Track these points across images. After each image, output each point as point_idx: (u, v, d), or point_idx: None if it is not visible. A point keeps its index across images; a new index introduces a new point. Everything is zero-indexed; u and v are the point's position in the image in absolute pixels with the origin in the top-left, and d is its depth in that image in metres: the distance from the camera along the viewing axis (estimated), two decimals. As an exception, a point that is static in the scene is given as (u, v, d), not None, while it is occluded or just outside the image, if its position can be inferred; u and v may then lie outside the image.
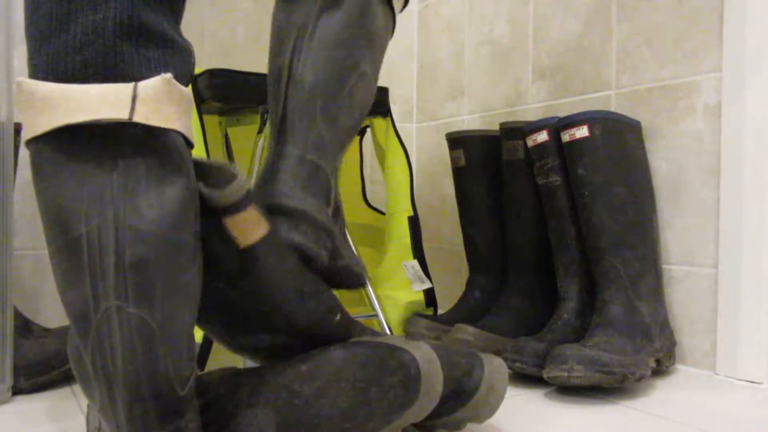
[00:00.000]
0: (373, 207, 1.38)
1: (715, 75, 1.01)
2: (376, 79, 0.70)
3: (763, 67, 0.95)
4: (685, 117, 1.05)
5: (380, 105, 1.19)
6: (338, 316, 0.64)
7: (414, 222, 1.22)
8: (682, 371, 1.03)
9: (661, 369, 0.98)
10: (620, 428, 0.76)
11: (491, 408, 0.69)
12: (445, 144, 1.56)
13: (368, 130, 1.33)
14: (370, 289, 1.10)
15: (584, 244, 1.01)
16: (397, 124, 1.62)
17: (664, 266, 1.07)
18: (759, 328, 0.95)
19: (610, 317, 0.93)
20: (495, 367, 0.69)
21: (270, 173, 0.61)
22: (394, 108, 1.63)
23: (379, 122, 1.24)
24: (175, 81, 0.48)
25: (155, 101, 0.47)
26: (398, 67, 1.64)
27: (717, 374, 1.00)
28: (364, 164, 1.42)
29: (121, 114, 0.45)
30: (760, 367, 0.95)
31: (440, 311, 1.37)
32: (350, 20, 0.65)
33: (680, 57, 1.06)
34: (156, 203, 0.47)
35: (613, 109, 1.16)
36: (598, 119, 0.98)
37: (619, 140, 0.99)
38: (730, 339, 0.98)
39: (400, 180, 1.23)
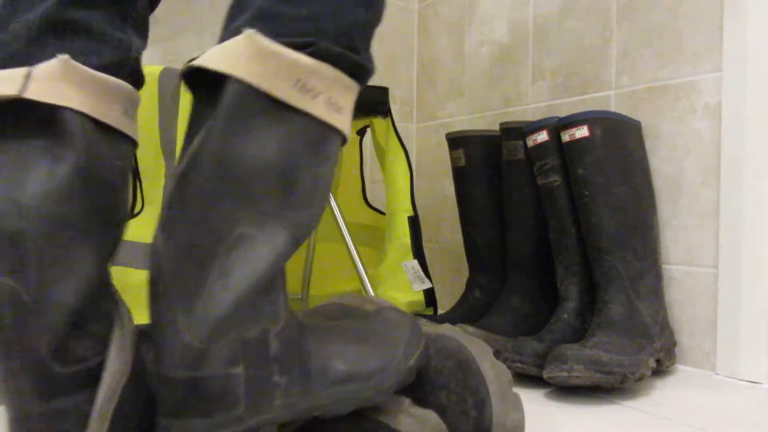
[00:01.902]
0: (373, 207, 1.38)
1: (715, 75, 1.01)
2: (285, 230, 0.50)
3: (763, 67, 0.95)
4: (685, 117, 1.05)
5: (380, 105, 1.19)
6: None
7: (414, 222, 1.22)
8: (682, 371, 1.03)
9: (661, 369, 0.98)
10: (620, 428, 0.76)
11: None
12: (445, 144, 1.56)
13: (368, 130, 1.33)
14: (370, 289, 1.10)
15: (584, 244, 1.01)
16: (397, 124, 1.62)
17: (664, 266, 1.08)
18: (759, 328, 0.95)
19: (610, 317, 0.93)
20: (506, 427, 0.60)
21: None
22: (394, 108, 1.63)
23: (379, 122, 1.24)
24: (75, 63, 0.50)
25: (50, 80, 0.49)
26: (398, 67, 1.64)
27: (717, 374, 1.00)
28: (364, 164, 1.42)
29: (12, 90, 0.48)
30: (760, 367, 0.95)
31: (440, 311, 1.37)
32: (210, 174, 0.47)
33: (680, 57, 1.06)
34: (44, 178, 0.48)
35: (613, 109, 1.16)
36: (598, 119, 0.98)
37: (619, 140, 0.99)
38: (730, 339, 0.98)
39: (400, 180, 1.23)
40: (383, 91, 1.19)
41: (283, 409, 0.51)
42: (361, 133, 1.35)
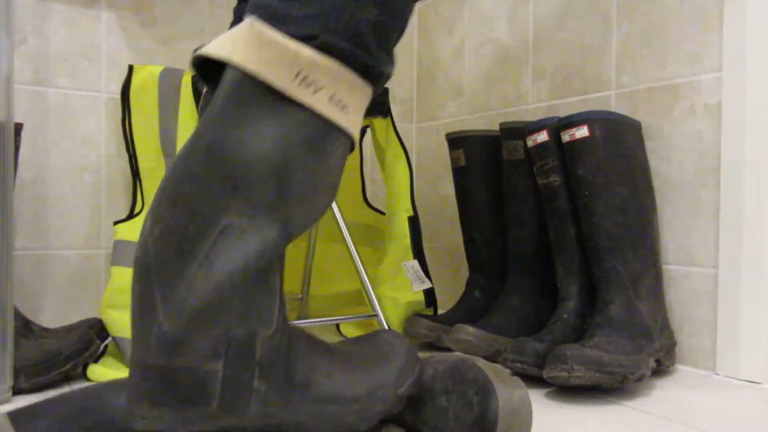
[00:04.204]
0: (373, 207, 1.38)
1: (715, 75, 1.01)
2: (276, 224, 0.49)
3: (763, 67, 0.95)
4: (685, 117, 1.05)
5: (380, 105, 1.19)
6: None
7: (414, 222, 1.22)
8: (682, 371, 1.03)
9: (661, 369, 0.98)
10: (620, 428, 0.76)
11: None
12: (445, 144, 1.56)
13: (368, 130, 1.33)
14: (370, 289, 1.10)
15: (584, 244, 1.01)
16: (397, 124, 1.62)
17: (664, 266, 1.07)
18: (759, 328, 0.95)
19: (611, 317, 0.93)
20: (512, 408, 0.58)
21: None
22: (394, 108, 1.63)
23: (379, 122, 1.24)
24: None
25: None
26: (398, 67, 1.64)
27: (717, 374, 1.00)
28: (364, 164, 1.42)
29: None
30: (760, 367, 0.95)
31: (440, 311, 1.37)
32: (201, 160, 0.47)
33: (680, 57, 1.06)
34: None
35: (613, 109, 1.16)
36: (598, 119, 0.98)
37: (619, 140, 0.99)
38: (730, 339, 0.98)
39: (400, 180, 1.23)
40: (383, 91, 1.19)
41: (257, 417, 0.49)
42: (361, 133, 1.35)
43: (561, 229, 1.03)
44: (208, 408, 0.47)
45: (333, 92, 0.50)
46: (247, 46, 0.48)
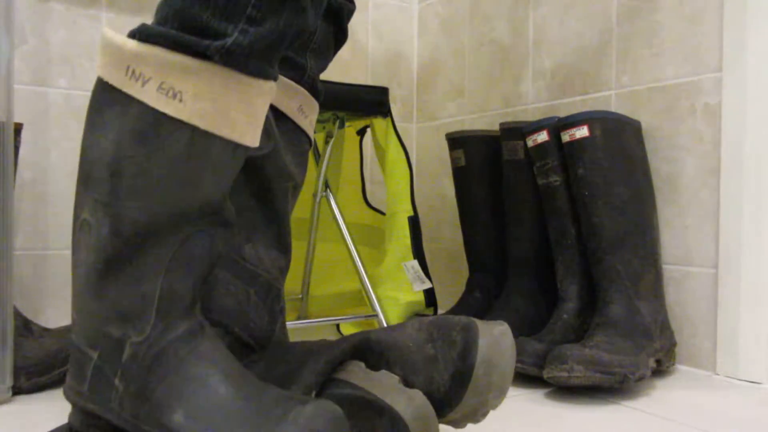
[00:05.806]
0: (373, 207, 1.38)
1: (715, 75, 1.01)
2: (107, 220, 0.50)
3: (763, 67, 0.95)
4: (685, 117, 1.05)
5: (380, 105, 1.19)
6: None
7: (414, 222, 1.22)
8: (682, 371, 1.03)
9: (661, 369, 0.98)
10: (620, 428, 0.76)
11: (497, 389, 0.59)
12: (445, 144, 1.56)
13: (368, 130, 1.33)
14: (370, 289, 1.10)
15: (584, 244, 1.01)
16: (397, 124, 1.62)
17: (664, 266, 1.07)
18: (759, 328, 0.95)
19: (611, 317, 0.93)
20: (493, 339, 0.59)
21: None
22: (394, 108, 1.63)
23: (379, 122, 1.24)
24: None
25: None
26: (398, 67, 1.64)
27: (717, 374, 1.00)
28: (364, 164, 1.42)
29: None
30: (760, 367, 0.95)
31: (440, 311, 1.37)
32: (79, 161, 0.54)
33: (680, 57, 1.06)
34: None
35: (613, 109, 1.16)
36: (598, 119, 0.98)
37: (619, 140, 0.99)
38: (730, 339, 0.98)
39: (400, 180, 1.23)
40: (383, 91, 1.19)
41: (117, 416, 0.52)
42: (361, 133, 1.35)
43: (561, 229, 1.03)
44: (82, 388, 0.53)
45: (161, 81, 0.49)
46: (99, 52, 0.52)
